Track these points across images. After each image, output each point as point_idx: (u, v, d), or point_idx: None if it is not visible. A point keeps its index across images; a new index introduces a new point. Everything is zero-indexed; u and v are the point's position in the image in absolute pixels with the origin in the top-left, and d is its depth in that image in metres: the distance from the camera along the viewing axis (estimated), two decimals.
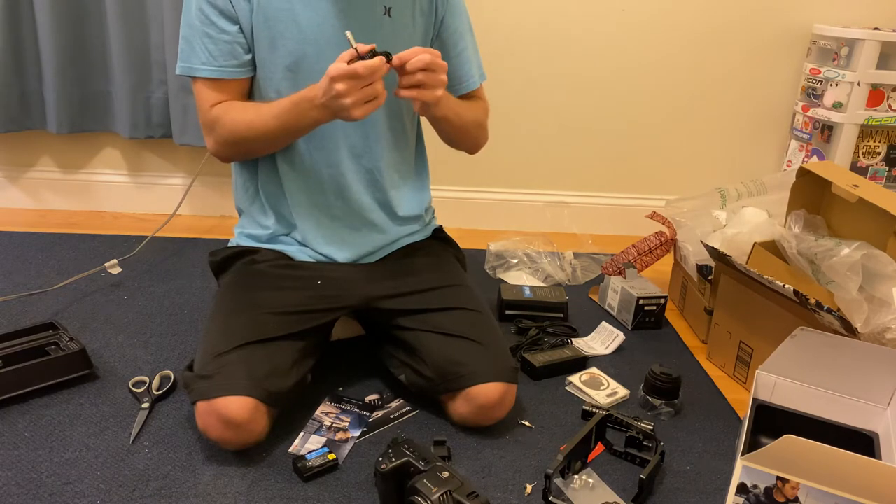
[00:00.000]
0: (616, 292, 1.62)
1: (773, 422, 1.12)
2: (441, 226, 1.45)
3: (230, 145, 1.21)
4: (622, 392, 1.32)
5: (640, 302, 1.56)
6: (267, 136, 1.17)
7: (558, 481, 1.07)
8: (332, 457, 1.08)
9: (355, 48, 1.04)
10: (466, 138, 1.35)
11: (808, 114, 1.96)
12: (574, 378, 1.34)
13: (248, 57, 1.20)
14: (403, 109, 1.30)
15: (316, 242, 1.29)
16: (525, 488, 1.07)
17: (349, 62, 1.03)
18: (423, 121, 1.39)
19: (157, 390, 1.22)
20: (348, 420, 1.19)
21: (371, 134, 1.26)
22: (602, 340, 1.50)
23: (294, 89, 1.15)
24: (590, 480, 1.08)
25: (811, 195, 1.45)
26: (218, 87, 1.20)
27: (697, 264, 1.57)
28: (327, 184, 1.26)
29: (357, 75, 1.02)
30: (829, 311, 1.16)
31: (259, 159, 1.27)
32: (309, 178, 1.26)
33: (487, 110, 1.39)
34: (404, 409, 1.23)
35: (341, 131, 1.23)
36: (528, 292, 1.59)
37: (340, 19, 1.18)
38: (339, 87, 1.03)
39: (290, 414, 1.17)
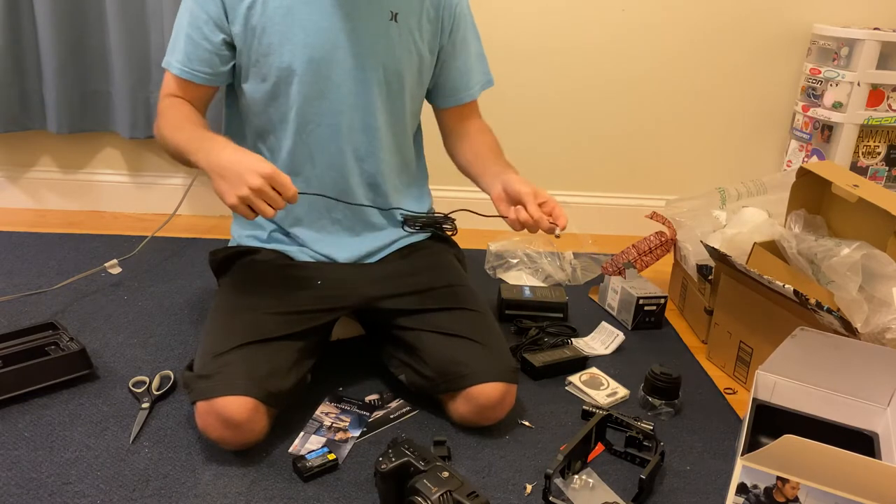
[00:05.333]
0: (616, 292, 1.62)
1: (773, 422, 1.12)
2: None
3: (158, 139, 1.24)
4: (622, 392, 1.32)
5: (640, 302, 1.56)
6: (169, 147, 1.19)
7: (558, 481, 1.07)
8: (332, 457, 1.08)
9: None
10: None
11: (808, 114, 1.96)
12: (574, 378, 1.34)
13: (225, 69, 1.21)
14: (405, 112, 1.30)
15: (315, 244, 1.29)
16: (525, 488, 1.07)
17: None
18: (424, 122, 1.39)
19: (157, 390, 1.22)
20: (348, 420, 1.19)
21: (375, 138, 1.26)
22: (602, 340, 1.50)
23: (312, 92, 1.18)
24: (590, 480, 1.08)
25: (811, 195, 1.45)
26: (182, 84, 1.23)
27: (697, 264, 1.57)
28: (329, 188, 1.26)
29: (270, 200, 1.01)
30: (829, 311, 1.16)
31: None
32: (310, 183, 1.26)
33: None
34: (404, 409, 1.23)
35: (347, 135, 1.23)
36: (528, 292, 1.59)
37: (346, 23, 1.18)
38: (254, 182, 0.99)
39: (290, 414, 1.17)
